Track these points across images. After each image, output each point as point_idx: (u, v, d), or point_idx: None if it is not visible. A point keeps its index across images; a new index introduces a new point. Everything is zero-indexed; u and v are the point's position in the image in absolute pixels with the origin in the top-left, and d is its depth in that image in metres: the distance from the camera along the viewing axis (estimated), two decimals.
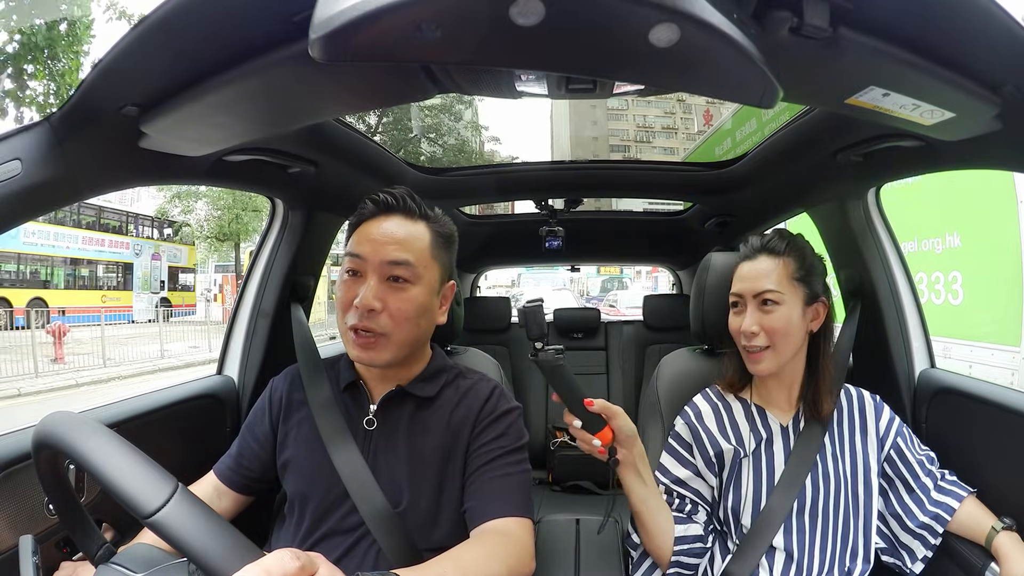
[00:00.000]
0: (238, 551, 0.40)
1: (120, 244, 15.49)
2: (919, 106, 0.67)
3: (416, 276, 0.80)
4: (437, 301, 0.86)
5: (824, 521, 0.88)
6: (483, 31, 0.46)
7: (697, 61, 0.49)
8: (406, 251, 0.80)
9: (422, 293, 0.81)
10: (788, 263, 0.92)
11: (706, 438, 0.96)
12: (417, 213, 0.84)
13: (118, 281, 15.42)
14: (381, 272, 0.79)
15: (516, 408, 0.90)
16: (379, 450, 0.84)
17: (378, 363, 0.81)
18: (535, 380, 2.49)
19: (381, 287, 0.78)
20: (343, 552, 0.80)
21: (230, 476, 0.92)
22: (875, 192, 1.24)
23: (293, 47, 0.59)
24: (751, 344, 0.91)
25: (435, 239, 0.84)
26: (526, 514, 0.80)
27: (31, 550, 0.54)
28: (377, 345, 0.79)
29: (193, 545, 0.39)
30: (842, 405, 0.96)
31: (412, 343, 0.83)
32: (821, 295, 0.93)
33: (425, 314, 0.83)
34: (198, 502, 0.42)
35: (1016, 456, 0.90)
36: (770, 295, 0.90)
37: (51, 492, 0.54)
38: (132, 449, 0.45)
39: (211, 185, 1.11)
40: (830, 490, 0.89)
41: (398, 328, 0.79)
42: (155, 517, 0.40)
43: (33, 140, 0.68)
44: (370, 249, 0.79)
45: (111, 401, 1.01)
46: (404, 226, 0.82)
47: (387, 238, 0.80)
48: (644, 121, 40.11)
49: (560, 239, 2.00)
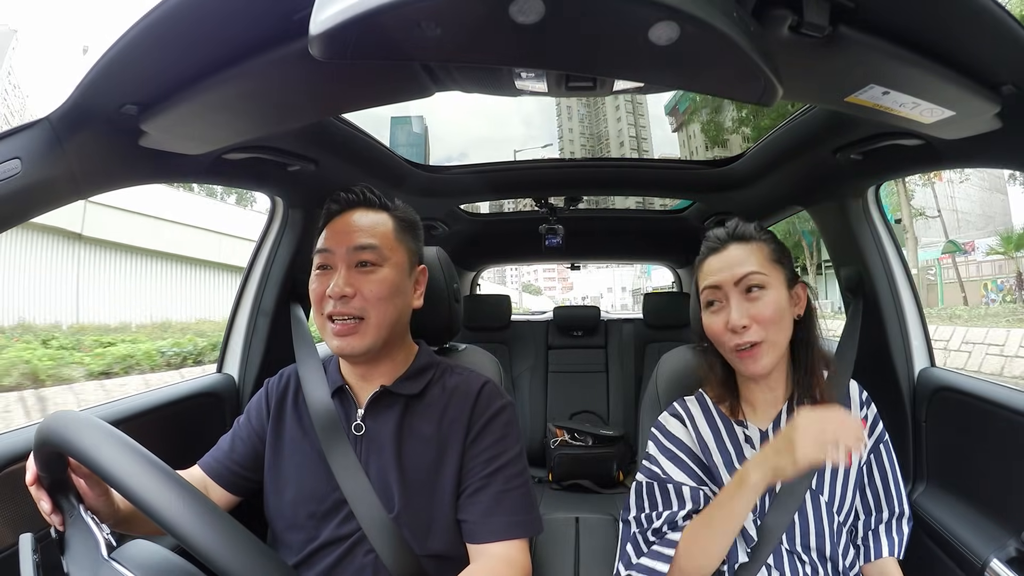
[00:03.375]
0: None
1: None
2: (919, 104, 0.67)
3: (383, 258, 0.82)
4: (410, 284, 0.88)
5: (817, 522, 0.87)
6: (483, 29, 0.46)
7: (697, 59, 0.49)
8: (371, 236, 0.83)
9: (392, 273, 0.83)
10: (762, 247, 0.84)
11: (700, 450, 0.90)
12: (377, 204, 0.88)
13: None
14: (349, 260, 0.81)
15: (508, 404, 0.88)
16: (369, 456, 0.83)
17: (360, 349, 0.80)
18: (535, 378, 2.49)
19: (351, 274, 0.81)
20: (339, 558, 0.79)
21: (219, 469, 0.89)
22: (875, 191, 1.24)
23: (293, 45, 0.59)
24: (742, 341, 0.81)
25: (398, 225, 0.87)
26: (525, 533, 0.80)
27: (31, 549, 0.54)
28: (357, 330, 0.80)
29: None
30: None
31: (390, 325, 0.83)
32: (799, 277, 0.88)
33: (399, 294, 0.84)
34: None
35: (1015, 455, 0.91)
36: (755, 278, 0.81)
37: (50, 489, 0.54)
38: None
39: (211, 183, 1.11)
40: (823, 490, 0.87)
41: (374, 309, 0.80)
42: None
43: (32, 139, 0.68)
44: (336, 241, 0.83)
45: (111, 400, 1.01)
46: (366, 216, 0.85)
47: (351, 228, 0.83)
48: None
49: (560, 237, 2.00)
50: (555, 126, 8.64)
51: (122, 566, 0.49)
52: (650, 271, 20.84)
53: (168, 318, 10.05)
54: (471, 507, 0.80)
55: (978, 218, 20.87)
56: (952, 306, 12.67)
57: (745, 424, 0.90)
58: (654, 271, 20.14)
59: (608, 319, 2.66)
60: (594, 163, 1.73)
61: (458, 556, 0.80)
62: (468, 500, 0.81)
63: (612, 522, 1.20)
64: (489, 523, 0.78)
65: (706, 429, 0.91)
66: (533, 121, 21.70)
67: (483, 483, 0.81)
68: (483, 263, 2.99)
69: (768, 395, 0.89)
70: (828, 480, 0.87)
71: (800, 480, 0.84)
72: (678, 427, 0.93)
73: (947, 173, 13.96)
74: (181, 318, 10.31)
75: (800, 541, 0.83)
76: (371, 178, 1.36)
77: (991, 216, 18.84)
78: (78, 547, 0.53)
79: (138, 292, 10.38)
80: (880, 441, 0.91)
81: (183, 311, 10.75)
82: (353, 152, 1.23)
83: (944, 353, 8.25)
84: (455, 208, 1.98)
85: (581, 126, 9.10)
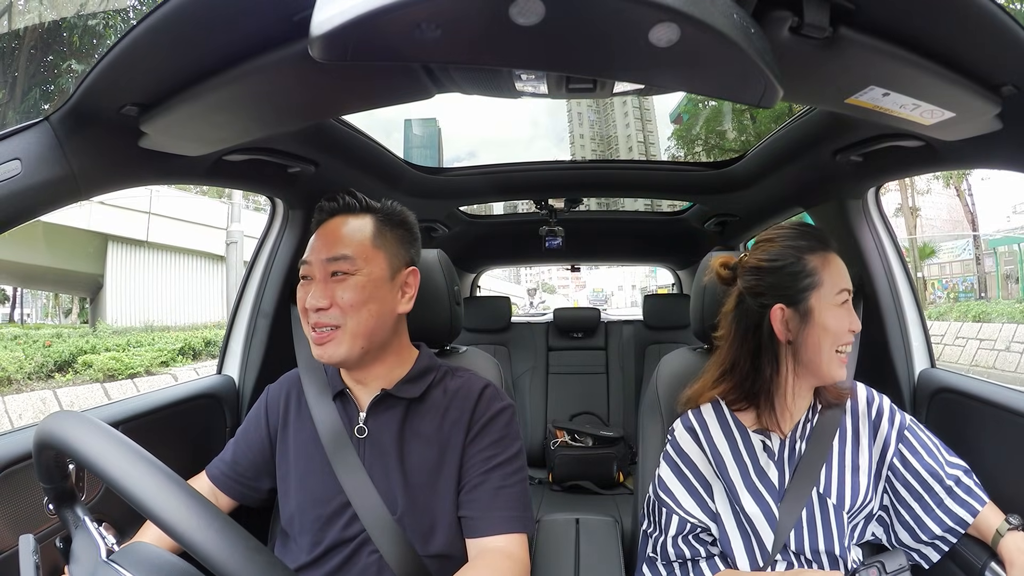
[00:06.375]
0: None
1: None
2: (919, 106, 0.67)
3: (355, 267, 0.81)
4: (392, 288, 0.85)
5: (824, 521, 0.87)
6: (483, 30, 0.46)
7: (697, 61, 0.49)
8: (344, 246, 0.82)
9: (364, 281, 0.81)
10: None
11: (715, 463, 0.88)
12: (359, 208, 0.87)
13: None
14: (324, 271, 0.81)
15: (509, 406, 0.89)
16: (372, 458, 0.83)
17: (336, 357, 0.80)
18: (535, 379, 2.49)
19: (326, 285, 0.81)
20: (344, 559, 0.80)
21: (226, 481, 0.92)
22: (875, 192, 1.24)
23: (293, 47, 0.59)
24: (849, 342, 0.83)
25: (378, 229, 0.85)
26: (524, 528, 0.81)
27: (31, 549, 0.54)
28: (333, 338, 0.80)
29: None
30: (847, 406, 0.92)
31: (369, 333, 0.81)
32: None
33: (374, 301, 0.82)
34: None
35: (1015, 455, 0.90)
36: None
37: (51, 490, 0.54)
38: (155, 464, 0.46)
39: (211, 185, 1.11)
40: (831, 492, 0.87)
41: (348, 317, 0.80)
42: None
43: (33, 140, 0.68)
44: (314, 252, 0.83)
45: (111, 401, 1.01)
46: (345, 223, 0.85)
47: (328, 238, 0.83)
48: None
49: (560, 239, 2.00)
50: (566, 131, 8.76)
51: (121, 568, 0.49)
52: (656, 271, 21.05)
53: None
54: (470, 503, 0.81)
55: (944, 223, 21.09)
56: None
57: (766, 433, 0.88)
58: (660, 271, 20.34)
59: (608, 320, 2.66)
60: (594, 165, 1.73)
61: (460, 556, 0.81)
62: (467, 496, 0.81)
63: (613, 523, 1.20)
64: (488, 517, 0.79)
65: (721, 441, 0.89)
66: (542, 123, 21.84)
67: (481, 479, 0.81)
68: (483, 265, 2.99)
69: (800, 401, 0.88)
70: (836, 482, 0.87)
71: (806, 482, 0.85)
72: (690, 444, 0.90)
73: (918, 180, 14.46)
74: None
75: (809, 544, 0.83)
76: (371, 179, 1.37)
77: (958, 220, 19.05)
78: (78, 549, 0.53)
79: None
80: (904, 429, 0.89)
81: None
82: (353, 153, 1.23)
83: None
84: (455, 210, 1.98)
85: (591, 131, 9.21)
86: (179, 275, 11.20)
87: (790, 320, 0.84)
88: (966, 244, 14.63)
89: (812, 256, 0.84)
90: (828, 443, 0.88)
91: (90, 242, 10.30)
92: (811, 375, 0.86)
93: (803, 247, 0.85)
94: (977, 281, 13.74)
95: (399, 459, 0.82)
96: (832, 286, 0.83)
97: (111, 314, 10.15)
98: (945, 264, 15.54)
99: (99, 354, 6.50)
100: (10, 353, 6.08)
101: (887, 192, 15.56)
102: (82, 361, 6.30)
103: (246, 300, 1.29)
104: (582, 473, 2.12)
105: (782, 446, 0.88)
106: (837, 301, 0.83)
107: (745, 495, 0.85)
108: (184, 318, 10.45)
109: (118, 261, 10.55)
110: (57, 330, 9.62)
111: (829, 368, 0.83)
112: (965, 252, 14.62)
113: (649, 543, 0.91)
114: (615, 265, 6.74)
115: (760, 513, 0.83)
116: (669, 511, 0.87)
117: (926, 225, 20.20)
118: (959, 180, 14.07)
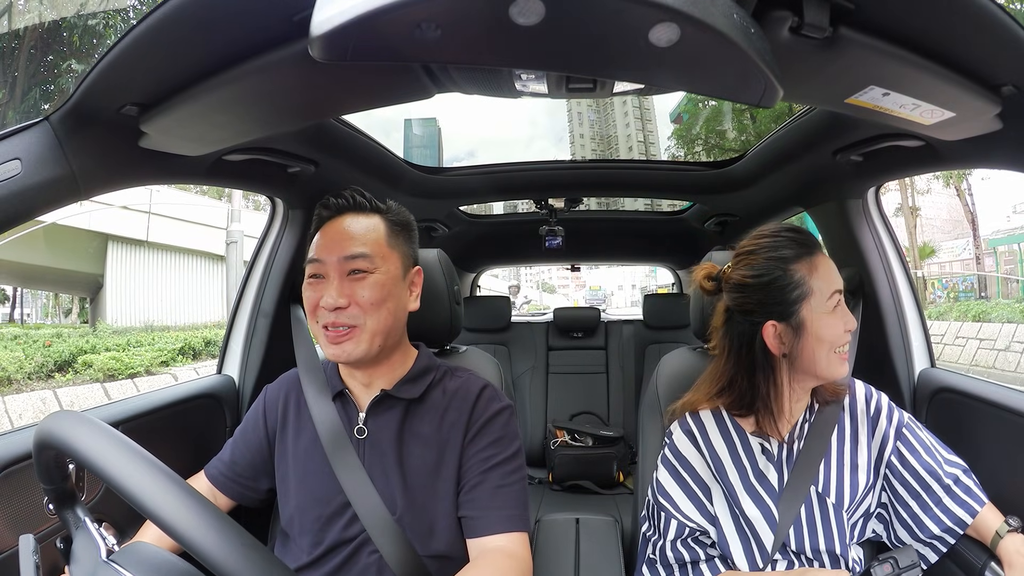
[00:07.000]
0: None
1: None
2: (919, 106, 0.67)
3: (374, 265, 0.81)
4: (404, 287, 0.87)
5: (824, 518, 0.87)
6: (483, 30, 0.46)
7: (697, 61, 0.49)
8: (362, 244, 0.81)
9: (384, 279, 0.82)
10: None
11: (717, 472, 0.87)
12: (368, 207, 0.86)
13: None
14: (341, 269, 0.80)
15: (507, 406, 0.89)
16: (371, 459, 0.83)
17: (356, 355, 0.80)
18: (535, 379, 2.49)
19: (343, 283, 0.80)
20: (344, 559, 0.80)
21: (224, 481, 0.92)
22: (875, 192, 1.24)
23: (293, 47, 0.59)
24: (845, 342, 0.82)
25: (390, 229, 0.86)
26: (524, 527, 0.80)
27: (31, 549, 0.54)
28: (351, 336, 0.80)
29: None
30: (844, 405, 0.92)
31: (385, 331, 0.82)
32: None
33: (393, 299, 0.82)
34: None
35: (1015, 455, 0.90)
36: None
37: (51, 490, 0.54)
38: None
39: (211, 185, 1.11)
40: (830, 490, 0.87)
41: (368, 316, 0.80)
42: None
43: (33, 140, 0.68)
44: (327, 251, 0.82)
45: (111, 401, 1.01)
46: (357, 222, 0.84)
47: (342, 236, 0.82)
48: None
49: (560, 238, 2.00)
50: (566, 131, 8.79)
51: (121, 568, 0.49)
52: (656, 270, 21.11)
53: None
54: (469, 502, 0.81)
55: (944, 222, 21.12)
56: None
57: (764, 436, 0.88)
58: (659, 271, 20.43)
59: (608, 320, 2.66)
60: (594, 165, 1.73)
61: (460, 556, 0.81)
62: (466, 496, 0.81)
63: (613, 523, 1.20)
64: (488, 516, 0.79)
65: (720, 444, 0.89)
66: (542, 122, 21.88)
67: (480, 479, 0.81)
68: (483, 265, 2.99)
69: (797, 404, 0.88)
70: (835, 480, 0.87)
71: (804, 479, 0.85)
72: (688, 447, 0.89)
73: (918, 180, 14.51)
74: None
75: (809, 543, 0.83)
76: (370, 179, 1.36)
77: (958, 220, 19.07)
78: (78, 549, 0.53)
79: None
80: (902, 426, 0.89)
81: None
82: (353, 153, 1.23)
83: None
84: (455, 209, 1.98)
85: (591, 131, 9.23)
86: (179, 275, 11.21)
87: (783, 334, 0.82)
88: (966, 244, 14.70)
89: (798, 265, 0.82)
90: (826, 439, 0.88)
91: (90, 242, 10.33)
92: (810, 377, 0.86)
93: (788, 257, 0.82)
94: (977, 281, 13.83)
95: (398, 460, 0.83)
96: (822, 292, 0.81)
97: (111, 314, 10.17)
98: (945, 264, 15.67)
99: (99, 354, 6.51)
100: (10, 353, 6.09)
101: (887, 192, 15.69)
102: (82, 361, 6.31)
103: (246, 300, 1.29)
104: (582, 473, 2.12)
105: (781, 448, 0.88)
106: (829, 307, 0.81)
107: (745, 498, 0.85)
108: (184, 318, 10.49)
109: (118, 261, 10.57)
110: (57, 330, 9.65)
111: (829, 369, 0.82)
112: (965, 252, 14.71)
113: (649, 546, 0.92)
114: (615, 265, 6.75)
115: (760, 515, 0.83)
116: (668, 515, 0.87)
117: (926, 225, 20.36)
118: (959, 180, 14.10)
